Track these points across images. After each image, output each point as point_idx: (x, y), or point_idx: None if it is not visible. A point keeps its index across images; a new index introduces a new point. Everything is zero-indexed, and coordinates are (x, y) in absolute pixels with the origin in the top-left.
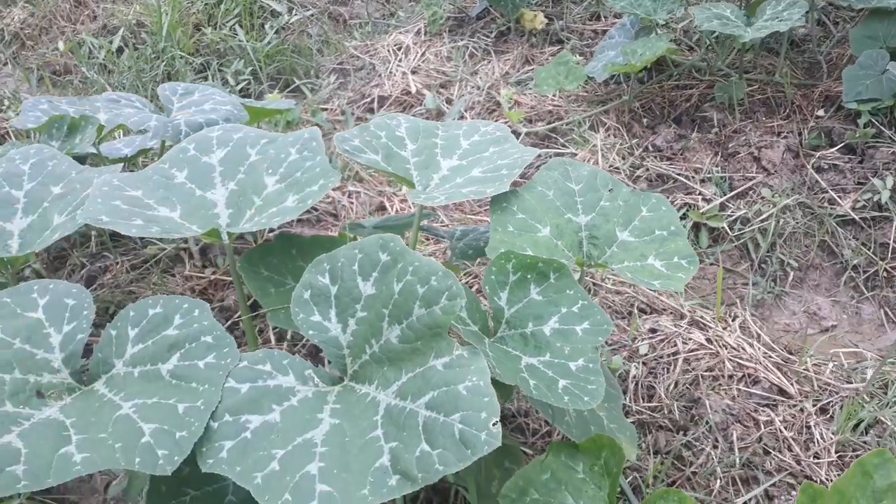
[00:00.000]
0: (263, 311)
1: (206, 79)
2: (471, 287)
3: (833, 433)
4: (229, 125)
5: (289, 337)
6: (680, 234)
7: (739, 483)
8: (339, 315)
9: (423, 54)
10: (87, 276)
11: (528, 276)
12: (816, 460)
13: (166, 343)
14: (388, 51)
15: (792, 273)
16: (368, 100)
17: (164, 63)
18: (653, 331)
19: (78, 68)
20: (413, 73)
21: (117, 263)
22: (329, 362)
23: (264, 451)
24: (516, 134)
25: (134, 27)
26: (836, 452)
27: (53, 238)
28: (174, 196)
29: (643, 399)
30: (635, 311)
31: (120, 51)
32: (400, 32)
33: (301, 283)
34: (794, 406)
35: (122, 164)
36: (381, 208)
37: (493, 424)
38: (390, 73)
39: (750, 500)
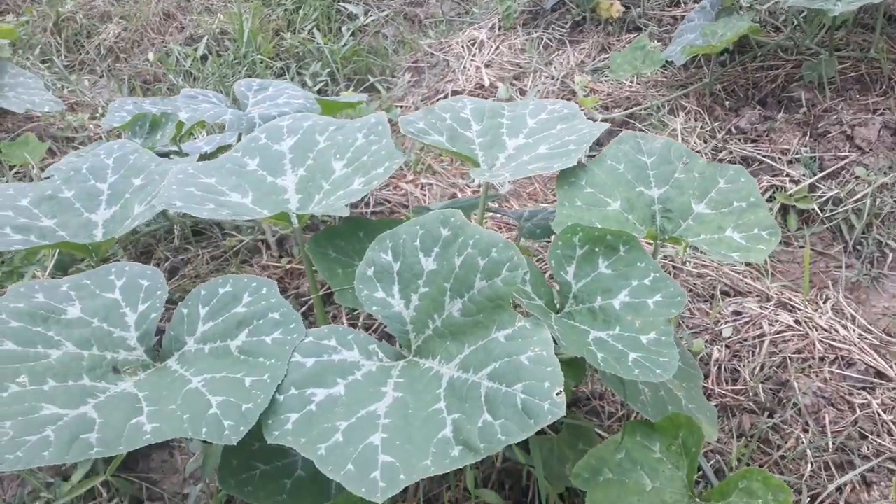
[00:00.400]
0: (332, 290)
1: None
2: (540, 267)
3: None
4: (299, 114)
5: (360, 321)
6: (760, 206)
7: (833, 468)
8: (402, 291)
9: (496, 48)
10: (170, 268)
11: (597, 250)
12: None
13: (235, 320)
14: (462, 47)
15: (891, 254)
16: (442, 95)
17: (245, 68)
18: (737, 313)
19: (166, 76)
20: (487, 66)
21: (198, 255)
22: (394, 338)
23: (329, 423)
24: (591, 121)
25: (218, 35)
26: None
27: (133, 225)
28: (246, 183)
29: (726, 382)
30: (717, 293)
31: (204, 58)
32: (474, 29)
33: (364, 261)
34: (894, 389)
35: (203, 153)
36: (453, 199)
37: (557, 394)
38: (464, 68)
39: (845, 484)
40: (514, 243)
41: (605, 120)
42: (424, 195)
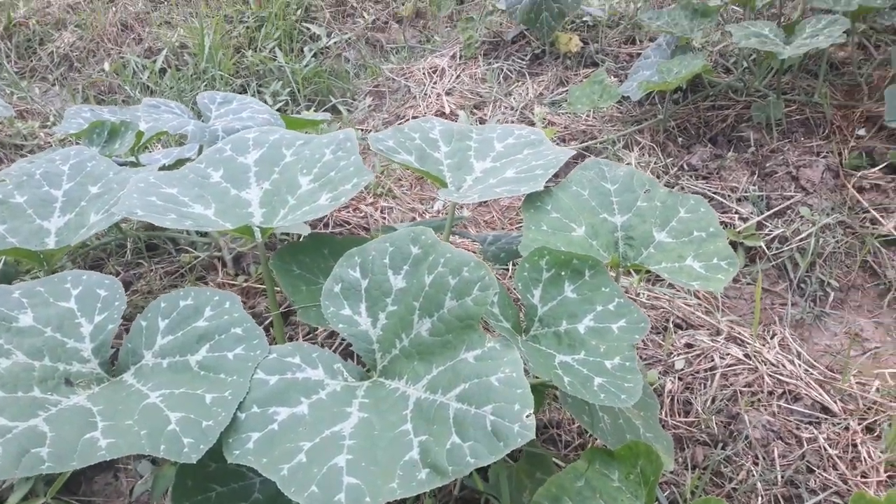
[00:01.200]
0: (294, 307)
1: None
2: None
3: (882, 452)
4: (266, 127)
5: (318, 341)
6: (719, 236)
7: (782, 501)
8: (370, 309)
9: (457, 76)
10: (122, 283)
11: (563, 274)
12: (864, 479)
13: (196, 334)
14: (424, 73)
15: (832, 293)
16: (403, 120)
17: (204, 83)
18: (689, 346)
19: (122, 88)
20: (447, 94)
21: (151, 270)
22: (358, 357)
23: (291, 443)
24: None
25: (177, 49)
26: (886, 472)
27: (89, 234)
28: (209, 194)
29: (679, 414)
30: (671, 325)
31: (163, 72)
32: (435, 56)
33: (332, 277)
34: (839, 424)
35: (161, 165)
36: (417, 221)
37: (527, 416)
38: (425, 94)
39: None
40: (485, 263)
41: None
42: (384, 218)
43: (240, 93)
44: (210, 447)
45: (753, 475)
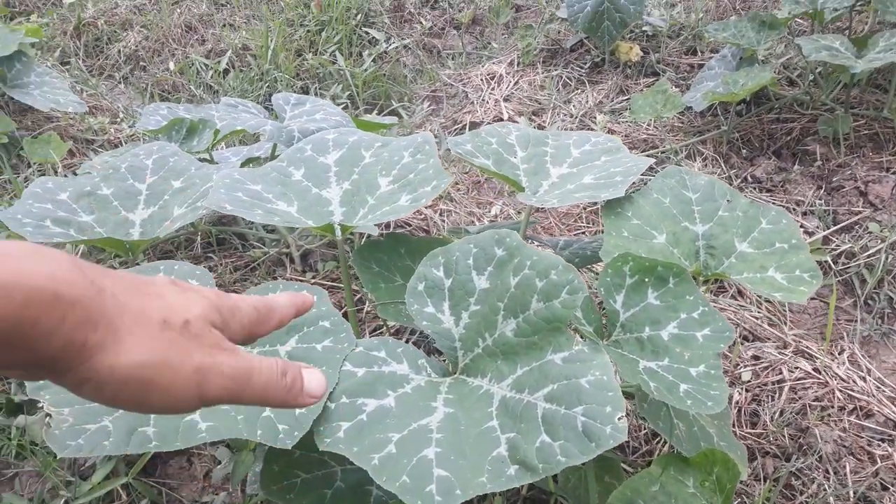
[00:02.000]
0: (372, 304)
1: None
2: None
3: None
4: (344, 129)
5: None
6: (802, 248)
7: None
8: (453, 308)
9: (515, 83)
10: None
11: (646, 280)
12: None
13: (285, 326)
14: (481, 79)
15: None
16: (461, 125)
17: (266, 84)
18: (756, 358)
19: (186, 87)
20: (506, 100)
21: (221, 264)
22: (440, 354)
23: (381, 433)
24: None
25: (240, 51)
26: None
27: (175, 227)
28: (291, 192)
29: (747, 425)
30: (737, 337)
31: (226, 72)
32: (493, 63)
33: (416, 275)
34: None
35: (232, 159)
36: (493, 222)
37: (619, 419)
38: (483, 100)
39: None
40: (573, 267)
41: None
42: (444, 221)
43: (300, 94)
44: (303, 434)
45: (825, 489)
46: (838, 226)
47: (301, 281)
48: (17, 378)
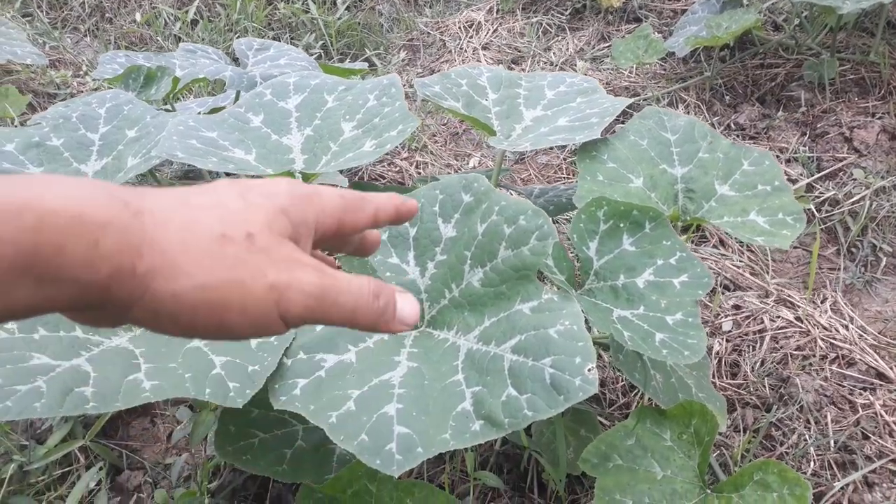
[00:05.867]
0: (335, 256)
1: None
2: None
3: None
4: (306, 72)
5: None
6: (785, 190)
7: (835, 467)
8: (418, 258)
9: (494, 31)
10: None
11: (621, 226)
12: None
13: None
14: (459, 27)
15: (885, 259)
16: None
17: (236, 35)
18: (737, 307)
19: (153, 39)
20: (484, 48)
21: None
22: None
23: (339, 390)
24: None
25: (208, 1)
26: None
27: (127, 177)
28: (249, 139)
29: (727, 376)
30: (718, 287)
31: (194, 23)
32: (472, 10)
33: None
34: (895, 391)
35: (196, 110)
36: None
37: (589, 370)
38: (461, 48)
39: (848, 485)
40: (543, 212)
41: None
42: (420, 173)
43: None
44: (255, 391)
45: (806, 440)
46: (822, 172)
47: None
48: (99, 324)
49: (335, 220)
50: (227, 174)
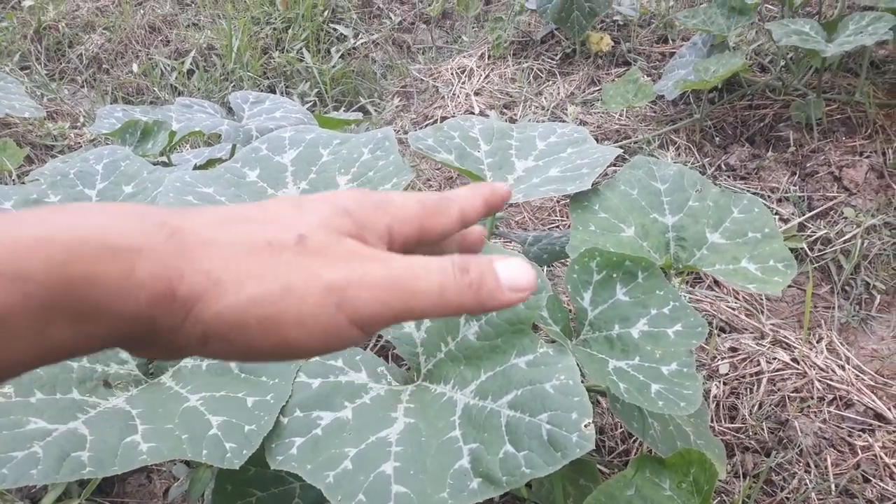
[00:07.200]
0: None
1: None
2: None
3: None
4: (301, 126)
5: None
6: (775, 237)
7: None
8: None
9: (486, 76)
10: None
11: (614, 276)
12: None
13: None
14: (452, 73)
15: (879, 296)
16: (431, 120)
17: (232, 84)
18: (733, 350)
19: (150, 89)
20: (476, 94)
21: None
22: (402, 361)
23: (336, 448)
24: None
25: (204, 51)
26: None
27: None
28: (245, 194)
29: (725, 420)
30: (714, 329)
31: (190, 73)
32: (463, 56)
33: None
34: (894, 432)
35: (193, 166)
36: None
37: (586, 426)
38: (453, 94)
39: None
40: (536, 265)
41: None
42: None
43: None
44: (252, 452)
45: (807, 484)
46: (813, 212)
47: None
48: (161, 358)
49: (415, 227)
50: None
